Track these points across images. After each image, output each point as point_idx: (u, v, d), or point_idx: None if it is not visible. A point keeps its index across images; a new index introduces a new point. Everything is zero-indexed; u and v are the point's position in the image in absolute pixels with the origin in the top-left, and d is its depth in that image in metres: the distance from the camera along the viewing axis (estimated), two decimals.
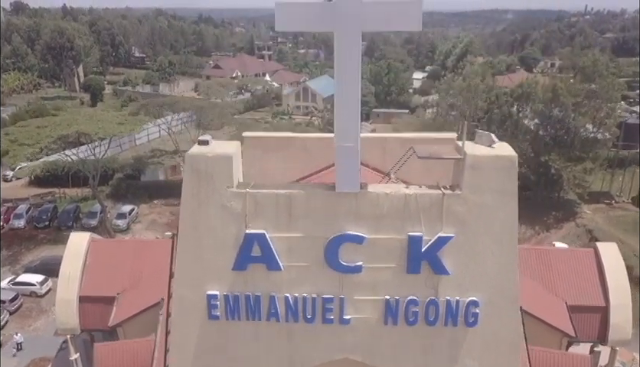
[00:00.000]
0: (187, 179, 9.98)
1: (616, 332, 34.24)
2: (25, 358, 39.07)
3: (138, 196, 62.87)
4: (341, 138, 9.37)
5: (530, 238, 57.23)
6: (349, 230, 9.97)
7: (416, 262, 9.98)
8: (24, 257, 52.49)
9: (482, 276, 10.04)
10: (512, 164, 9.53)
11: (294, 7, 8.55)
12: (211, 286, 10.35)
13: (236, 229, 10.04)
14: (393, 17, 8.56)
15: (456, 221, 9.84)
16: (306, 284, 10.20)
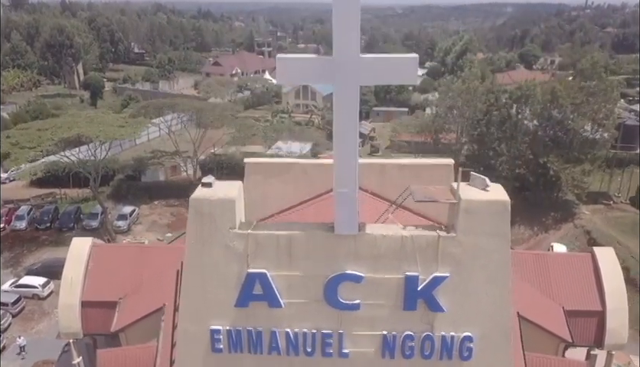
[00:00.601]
0: (191, 220, 10.34)
1: (612, 337, 34.73)
2: (28, 361, 39.54)
3: (138, 197, 63.18)
4: (339, 184, 9.72)
5: (529, 238, 57.67)
6: (348, 270, 10.35)
7: (413, 300, 10.37)
8: (26, 259, 52.88)
9: (476, 313, 10.42)
10: (505, 208, 9.89)
11: (295, 61, 8.86)
12: (215, 321, 10.74)
13: (239, 268, 10.40)
14: (390, 72, 8.88)
15: (451, 261, 10.20)
16: (306, 320, 10.58)
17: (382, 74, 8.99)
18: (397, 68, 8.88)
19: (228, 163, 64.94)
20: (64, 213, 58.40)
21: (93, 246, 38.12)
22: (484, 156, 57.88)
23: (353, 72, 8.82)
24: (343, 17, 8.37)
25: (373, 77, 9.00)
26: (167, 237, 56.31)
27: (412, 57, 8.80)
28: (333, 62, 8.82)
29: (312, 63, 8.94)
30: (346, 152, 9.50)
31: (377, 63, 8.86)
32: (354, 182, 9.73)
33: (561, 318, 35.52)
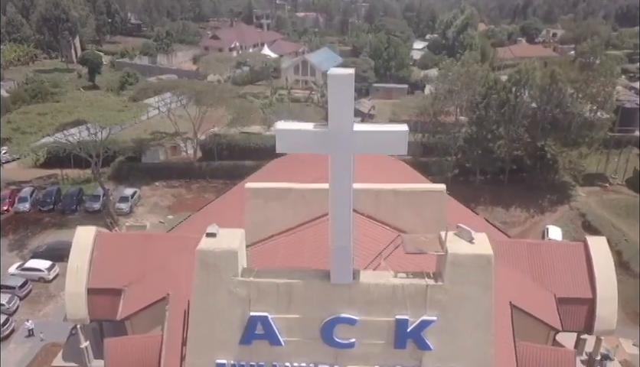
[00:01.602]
0: (198, 268, 11.09)
1: (602, 324, 36.10)
2: (37, 343, 41.01)
3: (139, 178, 63.86)
4: (335, 240, 10.44)
5: (525, 221, 58.74)
6: (342, 313, 11.19)
7: (403, 340, 11.25)
8: (31, 241, 53.92)
9: (461, 351, 11.30)
10: (488, 262, 10.62)
11: (293, 132, 9.44)
12: (220, 356, 11.64)
13: (242, 311, 11.23)
14: (381, 143, 9.48)
15: (438, 307, 11.02)
16: (305, 356, 11.48)
17: (374, 145, 9.61)
18: (388, 140, 9.48)
19: (228, 144, 65.45)
20: (66, 195, 59.12)
21: (97, 235, 39.21)
22: (482, 139, 58.35)
23: (347, 143, 9.43)
24: (337, 94, 8.94)
25: (366, 148, 9.63)
26: (168, 219, 57.26)
27: (402, 131, 9.39)
28: (328, 134, 9.42)
29: (310, 135, 9.52)
30: (341, 213, 10.19)
31: (368, 135, 9.46)
32: (348, 238, 10.45)
33: (552, 306, 36.80)
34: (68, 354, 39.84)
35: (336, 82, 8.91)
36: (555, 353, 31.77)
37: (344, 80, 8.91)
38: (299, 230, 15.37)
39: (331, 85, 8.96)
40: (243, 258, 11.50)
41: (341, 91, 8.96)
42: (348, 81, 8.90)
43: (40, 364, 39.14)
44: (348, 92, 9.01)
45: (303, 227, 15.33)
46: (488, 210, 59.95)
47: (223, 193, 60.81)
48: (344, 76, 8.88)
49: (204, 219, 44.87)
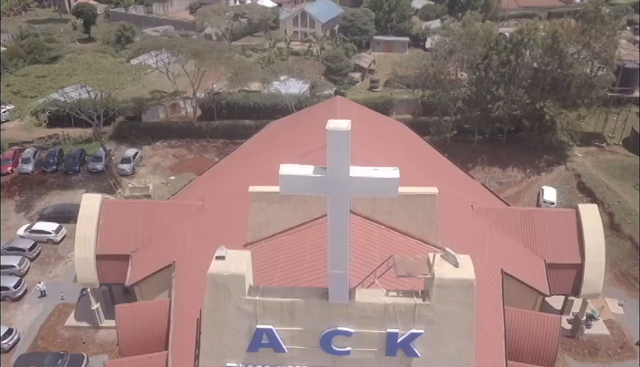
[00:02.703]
0: (209, 288, 12.19)
1: (588, 287, 38.24)
2: (49, 304, 43.14)
3: (140, 138, 64.55)
4: (333, 267, 11.48)
5: (521, 181, 59.92)
6: (339, 327, 12.42)
7: (393, 349, 12.54)
8: (36, 203, 55.26)
9: (445, 358, 12.61)
10: (470, 285, 11.70)
11: (296, 178, 10.26)
12: (230, 360, 12.96)
13: (249, 324, 12.43)
14: (374, 188, 10.31)
15: (425, 321, 12.23)
16: (306, 361, 12.82)
17: (368, 189, 10.48)
18: (381, 185, 10.33)
19: (227, 103, 65.58)
20: (69, 156, 60.01)
21: (102, 203, 40.47)
22: (481, 100, 58.57)
23: (343, 187, 10.28)
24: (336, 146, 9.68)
25: (361, 191, 10.49)
26: (171, 180, 58.42)
27: (394, 178, 10.20)
28: (327, 179, 10.24)
29: (311, 179, 10.34)
30: (338, 245, 11.17)
31: (363, 180, 10.29)
32: (344, 266, 11.49)
33: (542, 271, 38.74)
34: (80, 314, 42.25)
35: (334, 136, 9.69)
36: (541, 318, 33.81)
37: (342, 135, 9.69)
38: (300, 230, 16.37)
39: (330, 139, 9.73)
40: (249, 277, 12.59)
41: (338, 144, 9.76)
42: (345, 136, 9.67)
43: (54, 324, 41.41)
44: (345, 144, 9.79)
45: (303, 227, 16.31)
46: (485, 170, 61.07)
47: (224, 154, 61.74)
48: (342, 132, 9.65)
49: (206, 183, 46.01)
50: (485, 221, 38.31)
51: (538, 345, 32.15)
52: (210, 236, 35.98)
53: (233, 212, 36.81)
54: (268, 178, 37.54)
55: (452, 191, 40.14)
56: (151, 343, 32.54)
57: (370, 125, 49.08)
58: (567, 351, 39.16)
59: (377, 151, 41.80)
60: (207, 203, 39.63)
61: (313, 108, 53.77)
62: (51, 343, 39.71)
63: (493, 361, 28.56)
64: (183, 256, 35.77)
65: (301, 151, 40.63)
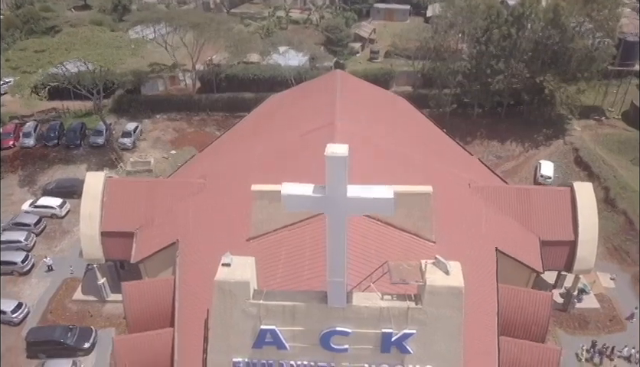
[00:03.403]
0: (216, 293, 12.98)
1: (581, 264, 39.45)
2: (57, 278, 44.42)
3: (140, 111, 64.67)
4: (332, 275, 12.25)
5: (519, 155, 60.45)
6: (337, 327, 13.31)
7: (388, 346, 13.47)
8: (39, 177, 55.95)
9: (435, 354, 13.55)
10: (459, 292, 12.52)
11: (298, 197, 10.92)
12: (236, 356, 13.90)
13: (253, 325, 13.31)
14: (370, 206, 10.99)
15: (417, 323, 13.11)
16: (306, 357, 13.77)
17: (365, 208, 11.15)
18: (376, 204, 11.00)
19: (226, 74, 65.38)
20: (70, 130, 60.32)
21: (106, 181, 41.21)
22: (481, 73, 58.48)
23: (341, 206, 10.95)
24: (334, 170, 10.29)
25: (358, 210, 11.18)
26: (171, 154, 58.93)
27: (389, 198, 10.84)
28: (326, 199, 10.90)
29: (311, 200, 10.98)
30: (337, 255, 11.91)
31: (360, 199, 10.95)
32: (342, 274, 12.26)
33: (536, 249, 39.87)
34: (86, 288, 43.61)
35: (333, 162, 10.31)
36: (534, 295, 35.04)
37: (340, 160, 10.32)
38: (300, 226, 17.10)
39: (329, 163, 10.32)
40: (253, 282, 13.40)
41: (336, 168, 10.38)
42: (342, 161, 10.30)
43: (62, 297, 42.78)
44: (342, 168, 10.41)
45: (303, 223, 17.04)
46: (484, 144, 61.51)
47: (224, 128, 62.00)
48: (340, 158, 10.27)
49: (207, 160, 46.56)
50: (482, 199, 39.12)
51: (530, 321, 33.43)
52: (212, 215, 36.86)
53: (234, 192, 37.59)
54: (268, 159, 38.33)
55: (449, 169, 40.82)
56: (157, 319, 33.78)
57: (370, 100, 49.26)
58: (558, 324, 40.63)
59: (376, 131, 42.19)
60: (208, 182, 40.34)
61: (313, 83, 53.76)
62: (60, 316, 41.11)
63: (485, 337, 29.85)
64: (186, 235, 36.70)
65: (301, 129, 41.08)
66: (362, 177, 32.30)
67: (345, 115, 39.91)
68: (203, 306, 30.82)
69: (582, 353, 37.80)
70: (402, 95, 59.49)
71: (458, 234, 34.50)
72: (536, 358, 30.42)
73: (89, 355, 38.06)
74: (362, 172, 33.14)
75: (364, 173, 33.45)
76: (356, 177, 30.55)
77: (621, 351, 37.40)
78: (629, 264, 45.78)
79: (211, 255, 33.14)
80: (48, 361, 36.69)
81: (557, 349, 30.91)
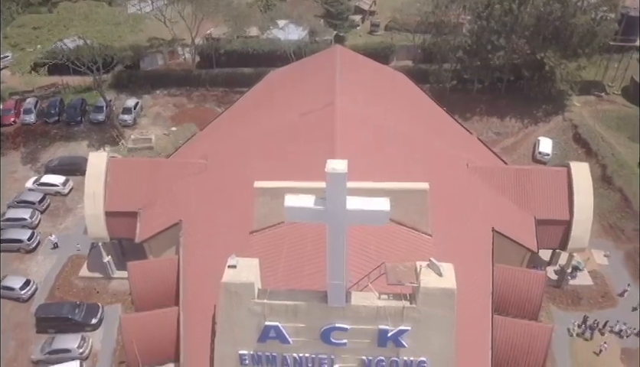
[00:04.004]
0: (223, 293, 13.71)
1: (575, 242, 40.44)
2: (62, 255, 45.41)
3: (139, 86, 64.57)
4: (332, 277, 12.96)
5: (518, 132, 60.66)
6: (337, 324, 14.11)
7: (384, 341, 14.32)
8: (42, 154, 56.39)
9: (428, 347, 14.41)
10: (452, 292, 13.23)
11: (299, 209, 11.51)
12: (242, 348, 14.77)
13: (258, 321, 14.13)
14: (367, 218, 11.59)
15: (412, 320, 13.90)
16: (308, 350, 14.65)
17: (362, 219, 11.78)
18: (373, 216, 11.63)
19: (225, 49, 65.00)
20: (70, 106, 60.41)
21: (109, 161, 41.77)
22: (482, 49, 58.18)
23: (340, 218, 11.59)
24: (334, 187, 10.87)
25: (356, 221, 11.79)
26: (172, 131, 59.20)
27: (384, 211, 11.45)
28: (327, 211, 11.51)
29: (312, 211, 11.57)
30: (337, 261, 12.57)
31: (357, 211, 11.57)
32: (341, 277, 12.97)
33: (531, 229, 40.80)
34: (92, 266, 44.70)
35: (333, 178, 10.87)
36: (528, 275, 36.11)
37: (339, 177, 10.89)
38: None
39: (329, 179, 10.88)
40: (258, 283, 14.13)
41: (336, 184, 10.96)
42: (342, 178, 10.87)
43: (69, 274, 43.87)
44: (342, 184, 10.99)
45: None
46: (483, 120, 61.66)
47: (224, 104, 62.08)
48: (339, 175, 10.83)
49: (208, 139, 46.95)
50: (479, 180, 39.74)
51: (523, 299, 34.56)
52: (214, 196, 37.56)
53: (235, 174, 38.18)
54: (269, 141, 38.71)
55: (448, 150, 41.28)
56: (162, 298, 34.90)
57: (369, 78, 49.25)
58: (552, 300, 41.79)
59: (376, 110, 42.46)
60: (210, 162, 40.88)
61: (312, 59, 53.61)
62: (67, 293, 42.27)
63: (479, 316, 30.95)
64: (189, 215, 37.47)
65: (301, 109, 41.35)
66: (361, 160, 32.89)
67: (345, 95, 40.13)
68: (207, 285, 31.85)
69: (573, 328, 39.01)
70: (402, 70, 59.36)
71: (455, 215, 35.27)
72: (528, 335, 31.60)
73: (96, 330, 39.27)
74: (361, 155, 33.69)
75: (363, 155, 34.01)
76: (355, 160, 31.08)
77: (613, 326, 38.60)
78: (624, 242, 46.63)
79: (214, 236, 34.17)
80: (57, 336, 37.92)
81: (549, 327, 32.07)
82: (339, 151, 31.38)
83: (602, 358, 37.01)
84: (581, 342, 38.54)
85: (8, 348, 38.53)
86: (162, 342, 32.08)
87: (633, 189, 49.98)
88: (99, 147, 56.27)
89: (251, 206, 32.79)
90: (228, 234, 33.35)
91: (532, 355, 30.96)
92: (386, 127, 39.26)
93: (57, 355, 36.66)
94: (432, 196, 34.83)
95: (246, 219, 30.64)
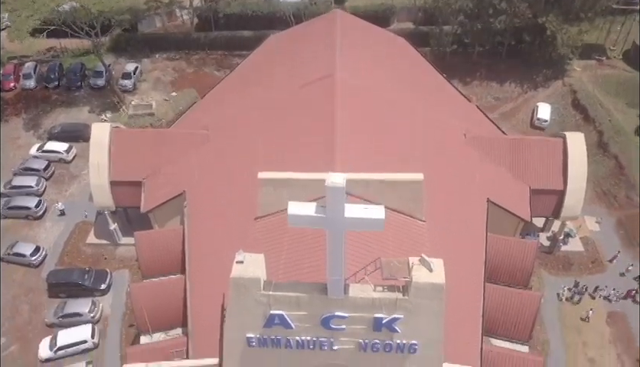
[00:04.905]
0: (232, 287, 14.85)
1: (568, 211, 41.71)
2: (69, 222, 46.70)
3: (138, 50, 64.19)
4: (331, 274, 14.06)
5: (518, 96, 60.81)
6: (336, 312, 15.37)
7: (379, 327, 15.65)
8: (43, 120, 56.78)
9: (419, 332, 15.72)
10: (441, 287, 14.42)
11: (301, 216, 12.43)
12: (249, 332, 16.08)
13: (264, 310, 15.35)
14: (364, 225, 12.56)
15: (404, 310, 15.14)
16: (309, 333, 15.98)
17: (359, 225, 12.78)
18: (369, 223, 12.57)
19: (224, 11, 64.23)
20: (70, 71, 60.28)
21: (112, 131, 42.40)
22: (483, 13, 57.59)
23: (339, 225, 12.56)
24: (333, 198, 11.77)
25: (354, 227, 12.76)
26: (172, 96, 59.34)
27: (379, 219, 12.39)
28: (327, 219, 12.44)
29: (313, 218, 12.50)
30: (336, 260, 13.62)
31: (355, 218, 12.51)
32: (340, 273, 14.06)
33: (526, 198, 42.00)
34: (99, 232, 46.11)
35: (332, 192, 11.77)
36: (520, 244, 37.52)
37: (338, 191, 11.78)
38: None
39: (329, 192, 11.77)
40: (263, 276, 15.25)
41: (336, 196, 11.85)
42: (341, 191, 11.76)
43: (76, 241, 45.31)
44: (341, 195, 11.88)
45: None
46: (483, 85, 61.69)
47: (223, 67, 61.95)
48: (338, 189, 11.72)
49: (209, 108, 47.34)
50: (476, 150, 40.51)
51: (515, 268, 36.12)
52: (215, 167, 38.49)
53: (236, 145, 38.96)
54: (268, 112, 39.18)
55: (446, 121, 41.81)
56: (168, 265, 36.49)
57: (370, 43, 49.11)
58: (543, 266, 43.40)
59: (376, 77, 42.66)
60: (211, 132, 41.54)
61: (312, 25, 53.18)
62: (76, 259, 43.81)
63: (471, 284, 32.49)
64: (192, 186, 38.52)
65: (301, 78, 41.62)
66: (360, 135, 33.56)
67: (345, 65, 40.31)
68: (211, 253, 33.37)
69: (563, 293, 40.75)
70: (402, 32, 58.97)
71: (452, 187, 36.31)
72: (518, 303, 33.29)
73: (105, 295, 40.98)
74: (360, 129, 34.36)
75: (362, 130, 34.68)
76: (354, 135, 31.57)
77: (603, 289, 40.30)
78: (616, 209, 47.74)
79: (217, 207, 35.33)
80: (69, 301, 39.67)
81: (538, 295, 33.72)
82: (339, 125, 32.11)
83: (589, 322, 38.86)
84: (569, 306, 40.34)
85: (22, 311, 40.39)
86: (170, 308, 33.74)
87: (628, 156, 50.70)
88: (100, 113, 56.63)
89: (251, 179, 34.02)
90: (230, 205, 34.57)
91: (521, 322, 32.74)
92: (385, 96, 39.63)
93: (69, 318, 38.44)
94: (430, 168, 35.88)
95: (247, 190, 31.78)
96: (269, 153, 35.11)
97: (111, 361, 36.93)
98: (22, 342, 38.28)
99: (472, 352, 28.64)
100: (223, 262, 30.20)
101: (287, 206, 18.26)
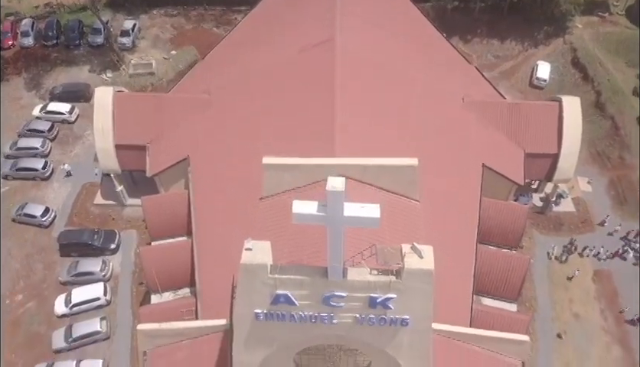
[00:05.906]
0: (242, 272, 16.33)
1: (561, 174, 43.04)
2: (76, 183, 47.94)
3: (136, 5, 63.26)
4: (331, 261, 15.47)
5: (518, 54, 60.60)
6: (336, 292, 16.92)
7: (374, 304, 17.28)
8: (44, 80, 56.89)
9: (410, 309, 17.35)
10: (430, 272, 15.94)
11: (304, 214, 13.66)
12: (257, 308, 17.76)
13: (271, 290, 16.91)
14: (362, 222, 13.80)
15: (397, 290, 16.69)
16: (311, 310, 17.63)
17: (357, 222, 13.99)
18: (367, 220, 13.80)
19: None
20: (68, 28, 59.73)
21: (115, 96, 42.99)
22: None
23: (339, 222, 13.79)
24: (333, 198, 12.90)
25: (352, 224, 14.00)
26: (172, 55, 59.20)
27: (375, 218, 13.61)
28: (327, 217, 13.70)
29: (314, 216, 13.71)
30: (336, 251, 15.00)
31: (354, 218, 13.72)
32: (340, 260, 15.50)
33: (520, 162, 43.25)
34: (105, 193, 47.52)
35: (332, 195, 12.93)
36: (512, 207, 39.03)
37: (338, 194, 12.95)
38: (304, 190, 19.99)
39: (329, 195, 12.93)
40: (270, 261, 16.71)
41: (335, 199, 13.04)
42: (340, 195, 12.94)
43: (84, 202, 46.73)
44: (340, 198, 13.09)
45: (306, 188, 19.91)
46: (483, 43, 61.35)
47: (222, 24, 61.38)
48: (338, 193, 12.89)
49: (210, 72, 47.59)
50: (473, 115, 41.24)
51: (507, 230, 37.75)
52: (218, 131, 39.40)
53: (237, 109, 39.68)
54: (268, 78, 39.61)
55: (445, 86, 42.27)
56: (175, 228, 38.09)
57: (369, 4, 48.70)
58: (535, 226, 45.06)
59: (376, 40, 42.76)
60: (213, 97, 42.12)
61: None
62: (84, 219, 45.36)
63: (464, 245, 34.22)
64: (196, 151, 39.55)
65: (300, 41, 41.76)
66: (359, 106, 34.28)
67: (344, 29, 40.38)
68: (216, 217, 34.95)
69: (552, 252, 42.65)
70: None
71: (448, 153, 37.37)
72: (508, 265, 35.12)
73: (115, 254, 42.84)
74: (360, 99, 35.05)
75: (361, 100, 35.36)
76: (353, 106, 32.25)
77: (592, 249, 42.17)
78: (609, 169, 48.82)
79: (220, 172, 36.58)
80: (81, 260, 41.56)
81: (526, 258, 35.49)
82: (338, 99, 32.79)
83: (575, 280, 40.94)
84: (558, 265, 42.32)
85: (36, 270, 42.35)
86: (178, 269, 35.57)
87: (624, 116, 51.31)
88: (101, 72, 56.70)
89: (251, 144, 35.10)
90: (232, 169, 35.85)
91: (510, 283, 34.68)
92: (385, 65, 39.97)
93: (82, 277, 40.45)
94: (428, 135, 36.88)
95: (248, 154, 33.02)
96: (267, 121, 35.96)
97: (123, 317, 39.19)
98: (39, 299, 40.42)
99: (463, 312, 30.68)
100: (227, 226, 32.07)
101: (291, 186, 19.69)
